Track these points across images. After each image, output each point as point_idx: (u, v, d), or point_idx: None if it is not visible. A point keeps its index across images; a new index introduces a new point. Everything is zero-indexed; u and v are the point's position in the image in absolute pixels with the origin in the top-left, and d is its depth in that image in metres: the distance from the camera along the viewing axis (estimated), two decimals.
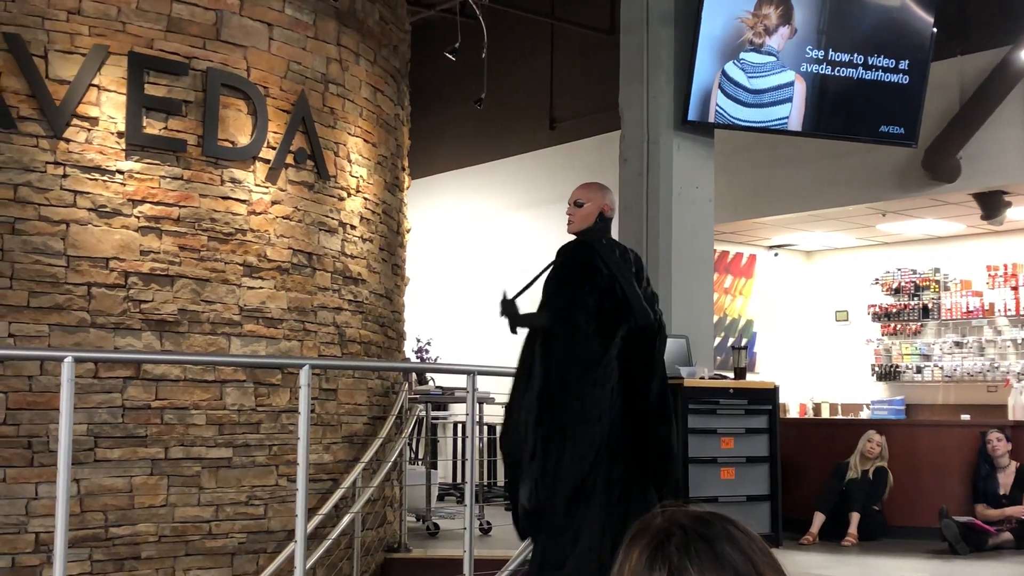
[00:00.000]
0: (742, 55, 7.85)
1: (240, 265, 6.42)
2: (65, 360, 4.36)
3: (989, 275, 11.47)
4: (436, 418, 12.05)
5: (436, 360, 11.96)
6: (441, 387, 9.44)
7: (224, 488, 6.22)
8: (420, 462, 10.02)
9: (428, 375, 10.29)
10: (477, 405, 6.09)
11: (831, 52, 8.08)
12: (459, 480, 11.64)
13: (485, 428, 8.95)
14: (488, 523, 8.24)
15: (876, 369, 12.08)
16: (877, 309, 12.18)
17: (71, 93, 5.84)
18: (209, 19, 6.34)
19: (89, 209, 5.88)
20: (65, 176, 5.82)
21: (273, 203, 6.63)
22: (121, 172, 5.99)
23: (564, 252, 4.49)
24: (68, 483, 4.25)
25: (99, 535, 5.77)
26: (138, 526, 5.88)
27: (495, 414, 7.50)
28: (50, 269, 5.75)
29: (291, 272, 6.72)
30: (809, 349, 12.46)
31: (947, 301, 11.79)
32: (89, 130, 5.91)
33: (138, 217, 6.03)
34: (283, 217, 6.70)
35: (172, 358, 6.02)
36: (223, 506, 6.22)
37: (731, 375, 7.79)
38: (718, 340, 11.28)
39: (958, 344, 11.70)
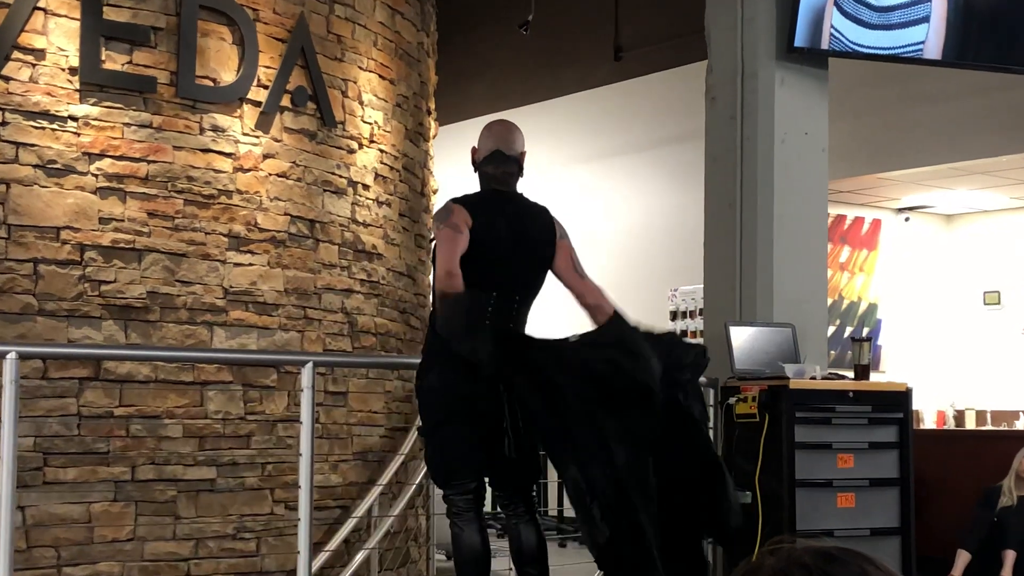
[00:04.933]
0: None
1: (224, 236, 6.47)
2: (7, 356, 4.42)
3: None
4: None
5: None
6: None
7: (206, 517, 6.28)
8: None
9: None
10: None
11: None
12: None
13: None
14: None
15: None
16: None
17: (11, 19, 5.89)
18: None
19: (35, 166, 5.94)
20: (4, 124, 5.88)
21: (265, 157, 6.67)
22: (74, 119, 6.04)
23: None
24: (12, 511, 4.32)
25: (50, 575, 5.85)
26: (98, 565, 5.96)
27: None
28: None
29: (288, 245, 6.75)
30: (950, 341, 12.35)
31: None
32: (34, 66, 5.97)
33: (96, 175, 6.08)
34: (278, 175, 6.73)
35: (140, 353, 6.08)
36: (205, 540, 6.28)
37: (850, 374, 7.75)
38: (833, 329, 11.22)
39: None
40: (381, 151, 7.48)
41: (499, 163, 5.11)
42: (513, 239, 5.04)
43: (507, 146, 5.14)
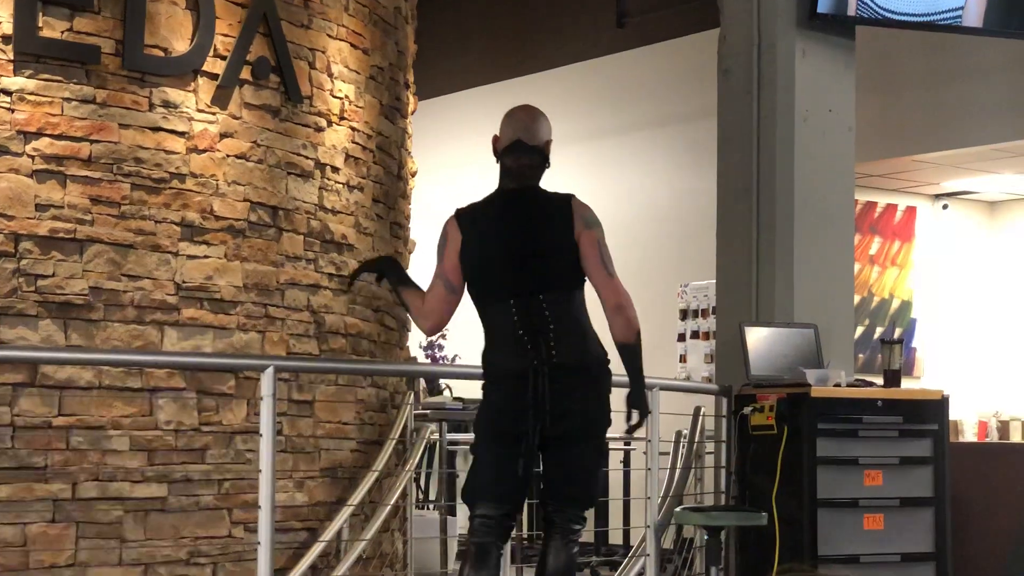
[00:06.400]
0: None
1: (177, 225, 6.49)
2: None
3: None
4: (454, 443, 12.08)
5: (454, 360, 11.99)
6: (461, 399, 9.48)
7: (156, 540, 6.30)
8: (432, 505, 10.09)
9: (443, 381, 10.32)
10: None
11: None
12: None
13: None
14: None
15: None
16: None
17: None
18: None
19: None
20: None
21: (223, 136, 6.69)
22: (7, 93, 6.06)
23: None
24: None
25: None
26: None
27: None
28: None
29: (248, 235, 6.77)
30: (993, 343, 12.40)
31: None
32: None
33: (32, 156, 6.10)
34: (237, 156, 6.75)
35: (82, 357, 6.09)
36: (154, 566, 6.30)
37: (880, 381, 7.80)
38: (861, 330, 11.27)
39: None
40: (353, 129, 7.50)
41: (519, 154, 5.24)
42: (516, 240, 5.18)
43: (529, 135, 5.26)
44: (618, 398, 5.29)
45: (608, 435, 5.43)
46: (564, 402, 5.10)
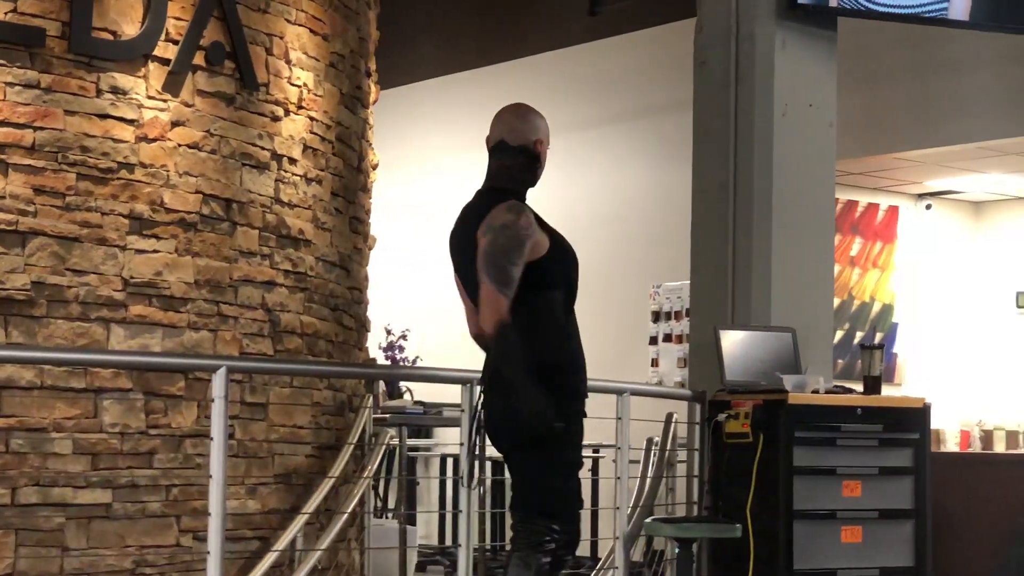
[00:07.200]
0: None
1: (125, 217, 6.45)
2: None
3: None
4: (415, 449, 12.09)
5: (415, 362, 11.99)
6: (422, 402, 9.47)
7: (99, 549, 6.27)
8: (391, 514, 10.08)
9: (403, 384, 10.32)
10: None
11: None
12: (449, 542, 11.63)
13: (488, 464, 9.02)
14: None
15: None
16: None
17: None
18: None
19: None
20: None
21: (174, 125, 6.66)
22: None
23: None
24: None
25: None
26: None
27: None
28: None
29: (200, 228, 6.74)
30: (977, 349, 12.45)
31: None
32: None
33: None
34: (189, 146, 6.72)
35: (22, 355, 6.05)
36: (98, 575, 6.27)
37: (859, 388, 7.82)
38: (840, 335, 11.30)
39: None
40: (311, 119, 7.48)
41: (500, 155, 5.26)
42: (458, 245, 5.25)
43: (513, 135, 5.27)
44: (600, 404, 5.29)
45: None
46: (498, 407, 5.10)
